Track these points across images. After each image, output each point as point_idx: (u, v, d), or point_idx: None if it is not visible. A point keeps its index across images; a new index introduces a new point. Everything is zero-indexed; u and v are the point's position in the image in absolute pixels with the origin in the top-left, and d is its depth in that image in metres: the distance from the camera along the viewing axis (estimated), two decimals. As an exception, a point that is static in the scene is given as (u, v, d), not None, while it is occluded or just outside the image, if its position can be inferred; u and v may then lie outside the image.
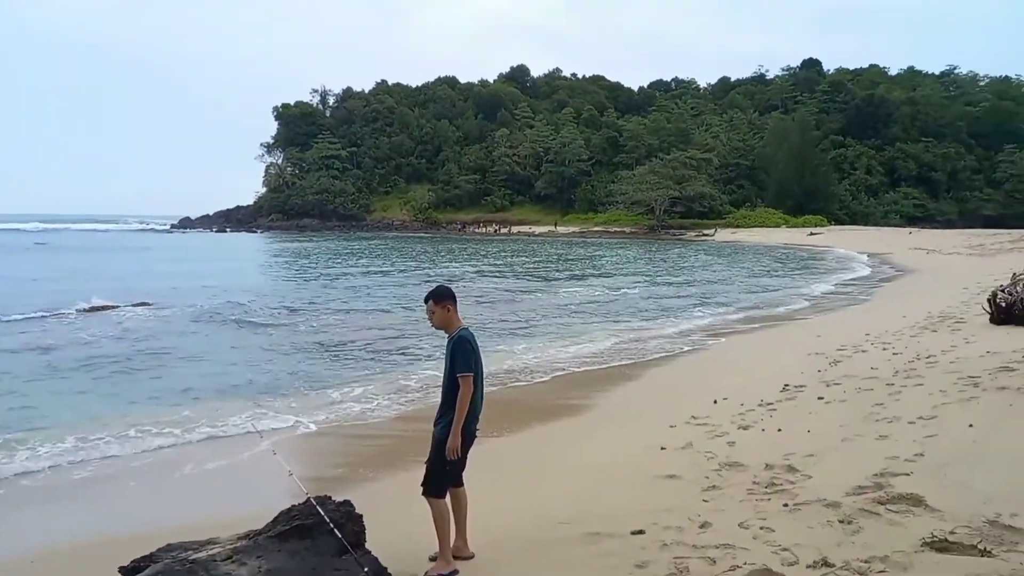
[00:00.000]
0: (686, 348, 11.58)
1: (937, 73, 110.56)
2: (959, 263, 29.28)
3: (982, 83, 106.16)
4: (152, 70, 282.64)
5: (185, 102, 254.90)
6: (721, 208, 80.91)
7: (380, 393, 8.66)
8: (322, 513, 3.66)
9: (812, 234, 62.24)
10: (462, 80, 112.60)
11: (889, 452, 4.91)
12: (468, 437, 4.06)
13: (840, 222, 76.97)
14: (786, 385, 7.70)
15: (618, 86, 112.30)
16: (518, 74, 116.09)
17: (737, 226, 74.00)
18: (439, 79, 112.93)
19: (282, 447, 5.93)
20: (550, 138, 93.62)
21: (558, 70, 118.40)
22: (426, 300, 4.21)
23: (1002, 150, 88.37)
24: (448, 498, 4.08)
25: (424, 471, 4.10)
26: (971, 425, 5.25)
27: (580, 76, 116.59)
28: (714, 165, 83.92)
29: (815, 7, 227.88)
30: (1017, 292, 10.91)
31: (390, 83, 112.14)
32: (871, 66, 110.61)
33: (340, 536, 3.55)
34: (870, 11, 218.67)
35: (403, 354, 11.37)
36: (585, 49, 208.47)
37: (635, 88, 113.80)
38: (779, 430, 5.92)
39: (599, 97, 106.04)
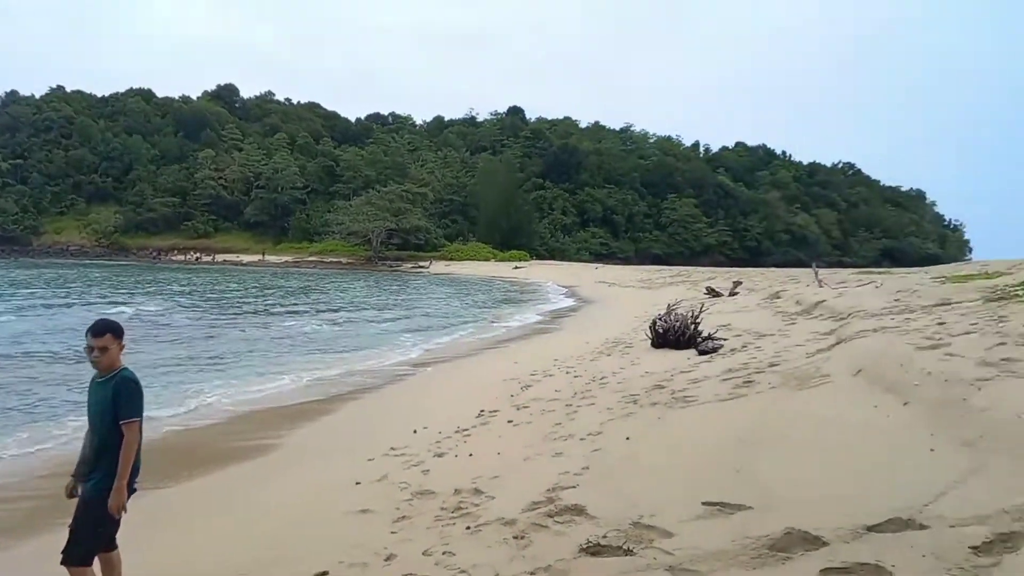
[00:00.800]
0: (393, 378, 11.67)
1: (617, 129, 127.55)
2: (633, 295, 33.81)
3: (652, 140, 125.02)
4: None
5: None
6: (436, 241, 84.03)
7: (16, 448, 7.31)
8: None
9: (517, 268, 67.40)
10: (160, 94, 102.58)
11: (562, 468, 5.36)
12: (128, 492, 3.58)
13: (541, 257, 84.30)
14: (482, 411, 8.11)
15: (335, 115, 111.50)
16: (226, 93, 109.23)
17: (451, 259, 77.37)
18: (131, 90, 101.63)
19: None
20: (261, 163, 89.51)
21: (270, 93, 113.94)
22: (100, 333, 3.56)
23: (666, 198, 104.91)
24: (97, 564, 3.54)
25: (67, 536, 3.52)
26: (628, 438, 5.97)
27: (295, 102, 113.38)
28: (429, 199, 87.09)
29: (516, 61, 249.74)
30: (670, 320, 12.75)
31: (68, 90, 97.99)
32: (565, 118, 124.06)
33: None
34: (565, 68, 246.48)
35: (45, 402, 9.55)
36: (300, 75, 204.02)
37: (352, 119, 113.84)
38: (471, 455, 6.18)
39: (315, 125, 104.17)
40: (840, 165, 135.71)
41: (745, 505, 4.04)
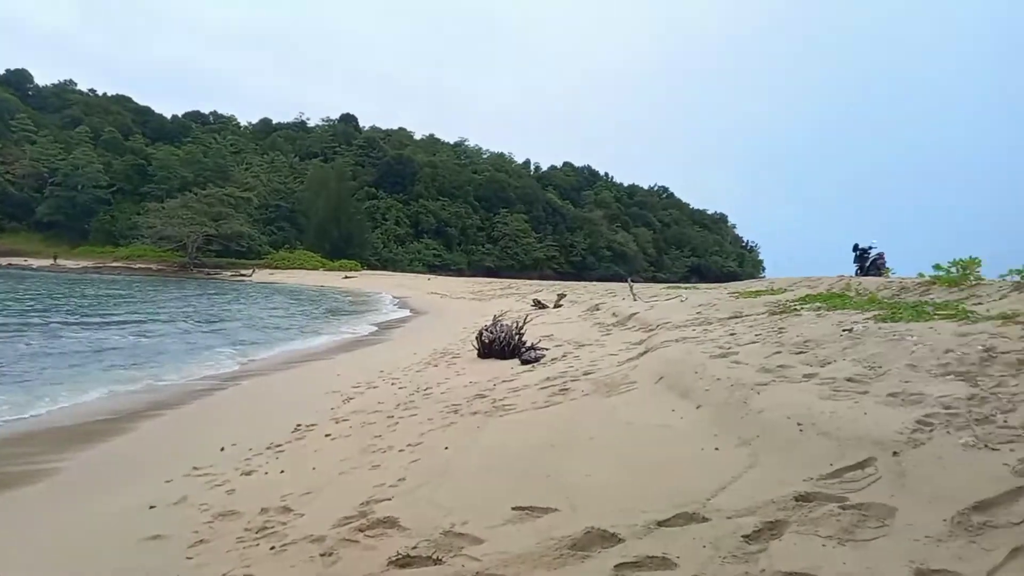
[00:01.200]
0: (203, 393, 10.88)
1: (452, 143, 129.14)
2: (464, 306, 34.22)
3: (485, 156, 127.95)
4: None
5: None
6: (260, 248, 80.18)
7: None
8: None
9: (347, 277, 65.90)
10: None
11: (378, 480, 5.28)
12: None
13: (373, 267, 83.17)
14: (298, 425, 7.80)
15: (148, 110, 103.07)
16: (17, 79, 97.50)
17: (276, 267, 74.12)
18: None
19: None
20: (58, 157, 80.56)
21: (71, 82, 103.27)
22: None
23: (498, 213, 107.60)
24: None
25: None
26: (447, 448, 6.00)
27: (101, 93, 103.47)
28: (254, 205, 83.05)
29: (350, 68, 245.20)
30: (496, 331, 13.03)
31: None
32: (400, 128, 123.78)
33: None
34: (400, 80, 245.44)
35: None
36: (109, 65, 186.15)
37: (168, 116, 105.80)
38: (282, 472, 5.91)
39: (124, 119, 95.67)
40: (656, 188, 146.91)
41: (552, 508, 4.20)
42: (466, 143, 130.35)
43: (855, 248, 23.19)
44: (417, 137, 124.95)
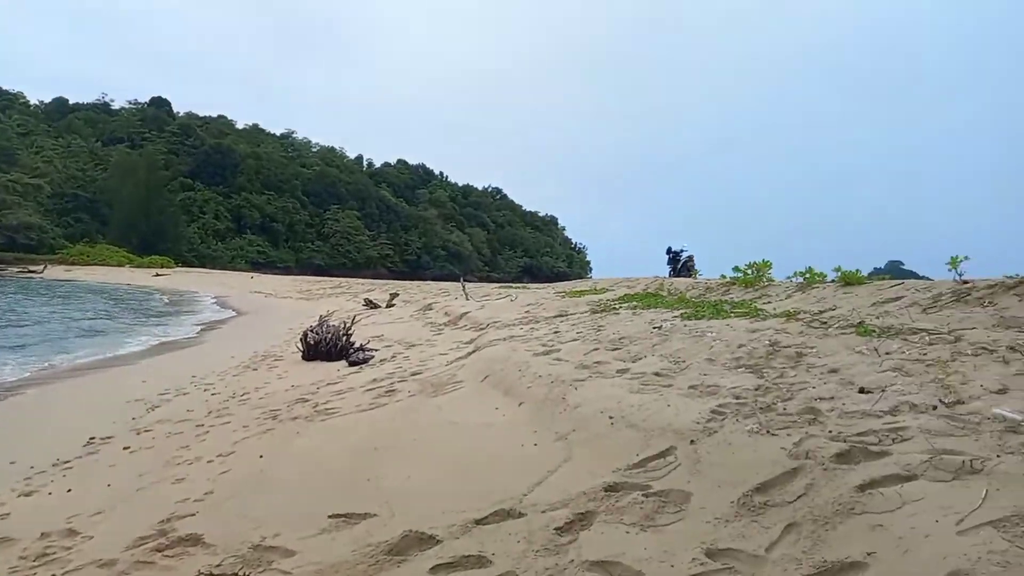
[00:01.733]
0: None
1: (278, 134, 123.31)
2: (290, 306, 32.79)
3: (315, 149, 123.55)
4: None
5: None
6: (54, 242, 71.95)
7: None
8: None
9: (158, 275, 60.76)
10: None
11: (182, 495, 4.89)
12: None
13: (189, 264, 77.58)
14: (92, 438, 7.04)
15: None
16: None
17: (73, 263, 66.84)
18: None
19: None
20: None
21: None
22: None
23: (329, 209, 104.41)
24: None
25: None
26: (261, 456, 5.69)
27: None
28: (46, 193, 74.41)
29: (160, 47, 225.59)
30: (323, 332, 12.60)
31: None
32: (219, 116, 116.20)
33: None
34: (219, 65, 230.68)
35: None
36: None
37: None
38: (69, 491, 5.30)
39: None
40: (490, 189, 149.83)
41: (371, 513, 4.10)
42: (294, 135, 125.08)
43: (668, 251, 25.08)
44: (239, 126, 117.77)
